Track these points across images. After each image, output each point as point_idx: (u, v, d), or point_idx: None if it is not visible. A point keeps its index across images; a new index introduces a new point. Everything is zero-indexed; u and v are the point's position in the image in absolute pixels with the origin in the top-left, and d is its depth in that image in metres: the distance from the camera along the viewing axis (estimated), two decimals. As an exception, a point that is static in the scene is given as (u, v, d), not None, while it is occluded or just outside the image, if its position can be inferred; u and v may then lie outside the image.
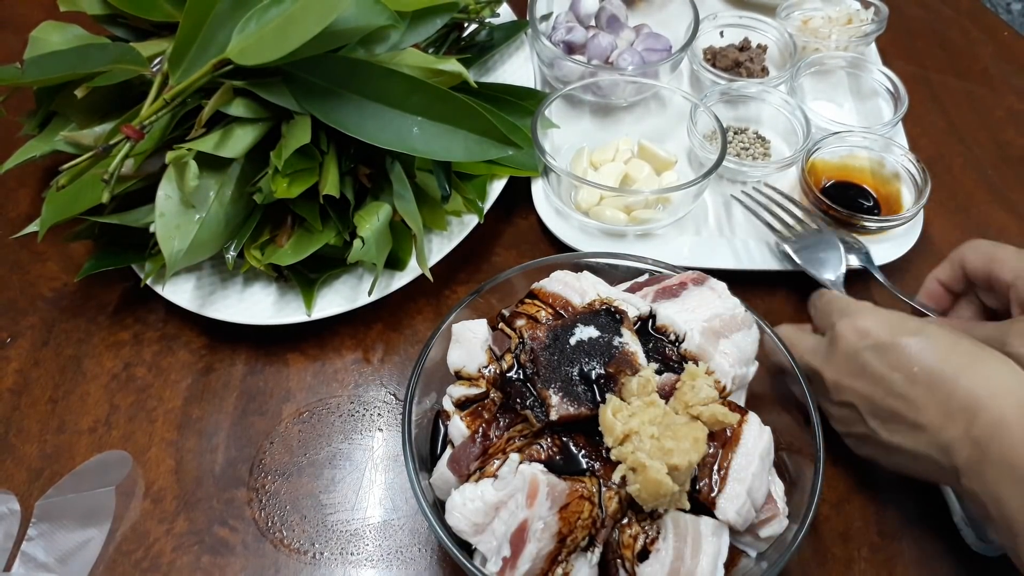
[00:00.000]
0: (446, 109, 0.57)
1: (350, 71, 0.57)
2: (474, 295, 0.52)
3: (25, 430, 0.58)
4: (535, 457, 0.43)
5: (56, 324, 0.64)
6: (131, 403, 0.59)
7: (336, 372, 0.61)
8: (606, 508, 0.41)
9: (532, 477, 0.41)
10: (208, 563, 0.52)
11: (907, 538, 0.54)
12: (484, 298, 0.53)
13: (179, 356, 0.62)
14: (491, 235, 0.70)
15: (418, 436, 0.47)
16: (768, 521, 0.44)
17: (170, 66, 0.56)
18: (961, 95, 0.85)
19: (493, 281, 0.53)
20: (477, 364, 0.48)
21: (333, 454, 0.57)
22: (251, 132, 0.58)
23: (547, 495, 0.40)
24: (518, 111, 0.70)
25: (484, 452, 0.44)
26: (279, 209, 0.60)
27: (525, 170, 0.68)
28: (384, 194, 0.62)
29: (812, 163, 0.71)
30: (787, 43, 0.81)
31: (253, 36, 0.55)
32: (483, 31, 0.77)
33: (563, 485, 0.41)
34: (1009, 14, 1.70)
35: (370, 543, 0.53)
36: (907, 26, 0.92)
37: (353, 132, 0.57)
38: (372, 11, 0.56)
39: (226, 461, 0.57)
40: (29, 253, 0.68)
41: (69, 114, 0.61)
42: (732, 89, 0.76)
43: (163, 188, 0.56)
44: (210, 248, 0.59)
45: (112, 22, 0.65)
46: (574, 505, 0.40)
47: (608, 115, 0.78)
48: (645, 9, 0.88)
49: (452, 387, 0.48)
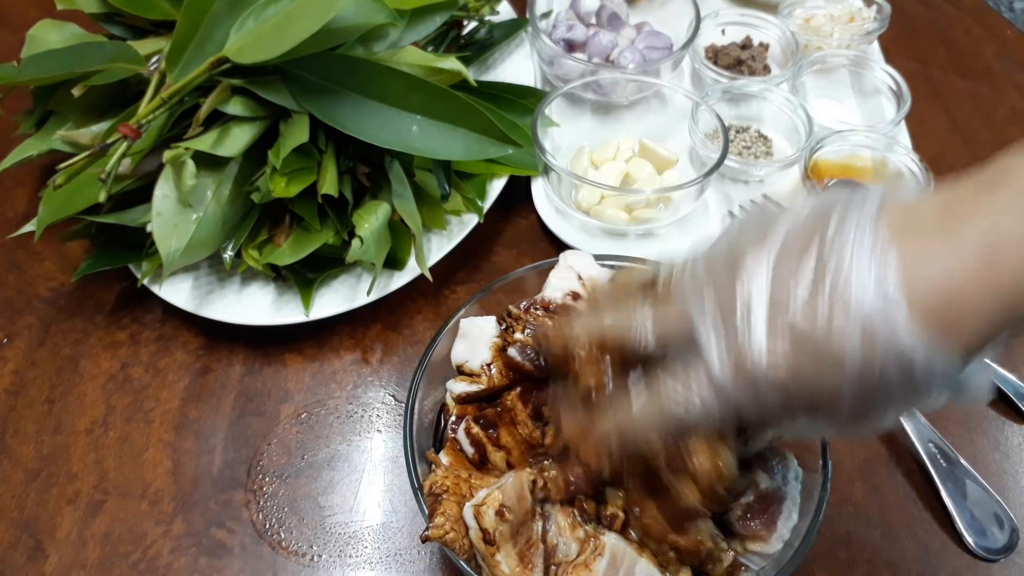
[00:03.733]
0: (445, 107, 0.57)
1: (349, 69, 0.57)
2: (484, 292, 0.52)
3: (22, 431, 0.58)
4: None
5: (53, 324, 0.63)
6: (128, 404, 0.59)
7: (335, 373, 0.61)
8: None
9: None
10: (205, 565, 0.52)
11: (909, 540, 0.53)
12: (491, 296, 0.52)
13: (176, 356, 0.62)
14: (491, 235, 0.69)
15: (418, 435, 0.47)
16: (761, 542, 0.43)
17: (167, 64, 0.56)
18: (964, 94, 0.84)
19: (504, 280, 0.52)
20: (480, 360, 0.48)
21: (331, 455, 0.57)
22: (249, 131, 0.57)
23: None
24: (518, 109, 0.70)
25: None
26: (277, 208, 0.60)
27: (525, 169, 0.68)
28: (383, 193, 0.61)
29: (815, 162, 0.70)
30: (789, 41, 0.81)
31: (251, 34, 0.54)
32: (483, 29, 0.77)
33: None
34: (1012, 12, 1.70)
35: (369, 545, 0.53)
36: (910, 24, 0.91)
37: (352, 131, 0.57)
38: (371, 9, 0.56)
39: (224, 462, 0.56)
40: (26, 253, 0.68)
41: (66, 113, 0.61)
42: (734, 87, 0.76)
43: (160, 187, 0.56)
44: (208, 248, 0.58)
45: (109, 20, 0.65)
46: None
47: (609, 114, 0.77)
48: (646, 7, 0.87)
49: (452, 382, 0.48)
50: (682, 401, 0.34)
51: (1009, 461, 0.57)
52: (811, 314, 0.30)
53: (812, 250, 0.30)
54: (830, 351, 0.30)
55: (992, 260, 0.28)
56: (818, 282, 0.30)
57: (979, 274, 0.28)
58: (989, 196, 0.29)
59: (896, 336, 0.29)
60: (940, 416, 0.58)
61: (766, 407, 0.32)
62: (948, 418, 0.59)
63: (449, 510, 0.40)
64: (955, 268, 0.28)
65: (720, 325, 0.32)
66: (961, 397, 0.32)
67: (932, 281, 0.29)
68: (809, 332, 0.30)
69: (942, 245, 0.29)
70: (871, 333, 0.29)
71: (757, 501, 0.43)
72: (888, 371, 0.29)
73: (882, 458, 0.57)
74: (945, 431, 0.57)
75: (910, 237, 0.29)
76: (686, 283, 0.35)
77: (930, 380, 0.29)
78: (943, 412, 0.59)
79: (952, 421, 0.59)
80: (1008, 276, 0.28)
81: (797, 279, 0.30)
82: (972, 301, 0.28)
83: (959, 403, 0.32)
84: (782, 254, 0.31)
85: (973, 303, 0.28)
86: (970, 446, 0.57)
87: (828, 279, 0.30)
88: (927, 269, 0.29)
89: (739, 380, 0.32)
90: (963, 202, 0.30)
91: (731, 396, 0.32)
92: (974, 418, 0.59)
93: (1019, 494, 0.55)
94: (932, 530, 0.54)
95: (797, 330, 0.30)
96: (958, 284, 0.28)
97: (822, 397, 0.31)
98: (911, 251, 0.29)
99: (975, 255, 0.28)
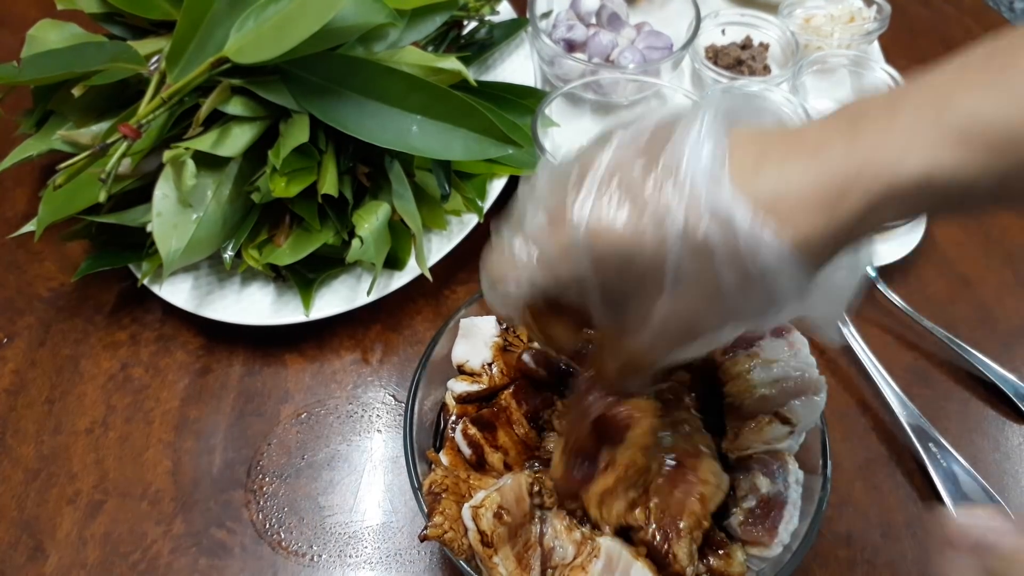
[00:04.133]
0: (445, 108, 0.57)
1: (349, 69, 0.57)
2: None
3: (22, 431, 0.58)
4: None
5: (53, 324, 0.63)
6: (128, 404, 0.59)
7: (334, 373, 0.61)
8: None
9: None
10: (205, 565, 0.52)
11: (909, 539, 0.53)
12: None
13: (176, 357, 0.62)
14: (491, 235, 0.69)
15: (418, 435, 0.47)
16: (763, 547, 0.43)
17: (168, 64, 0.56)
18: (964, 94, 0.84)
19: None
20: (481, 360, 0.48)
21: (331, 455, 0.57)
22: (249, 131, 0.57)
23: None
24: (518, 109, 0.70)
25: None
26: (277, 208, 0.60)
27: (525, 169, 0.68)
28: (383, 193, 0.61)
29: (814, 162, 0.70)
30: (789, 41, 0.81)
31: (251, 34, 0.54)
32: (483, 29, 0.77)
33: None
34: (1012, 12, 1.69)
35: (369, 545, 0.53)
36: (909, 24, 0.91)
37: (352, 131, 0.56)
38: (371, 9, 0.56)
39: (224, 462, 0.56)
40: (26, 253, 0.68)
41: (66, 113, 0.61)
42: (734, 88, 0.76)
43: (160, 187, 0.56)
44: (208, 248, 0.58)
45: (110, 20, 0.65)
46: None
47: (609, 113, 0.77)
48: (646, 7, 0.87)
49: (453, 382, 0.48)
50: (506, 261, 0.34)
51: (1009, 461, 0.57)
52: (640, 181, 0.30)
53: (653, 146, 0.31)
54: (654, 210, 0.30)
55: (837, 179, 0.29)
56: (651, 164, 0.30)
57: (816, 186, 0.29)
58: (838, 128, 0.30)
59: (720, 200, 0.29)
60: (940, 416, 0.58)
61: (573, 273, 0.32)
62: (948, 418, 0.59)
63: (448, 509, 0.40)
64: (791, 178, 0.29)
65: (550, 195, 0.33)
66: (819, 300, 0.32)
67: (766, 181, 0.29)
68: (636, 193, 0.30)
69: (785, 161, 0.29)
70: (696, 197, 0.29)
71: (759, 506, 0.43)
72: (712, 234, 0.29)
73: (882, 458, 0.57)
74: (945, 431, 0.57)
75: (754, 150, 0.30)
76: (534, 177, 0.36)
77: (759, 255, 0.29)
78: (943, 412, 0.59)
79: (952, 421, 0.59)
80: (845, 197, 0.29)
81: (633, 163, 0.31)
82: (805, 207, 0.29)
83: (818, 311, 0.33)
84: (621, 148, 0.32)
85: (805, 208, 0.29)
86: (970, 446, 0.57)
87: (661, 161, 0.30)
88: (765, 173, 0.29)
89: (553, 237, 0.32)
90: (811, 132, 0.30)
91: (546, 254, 0.33)
92: (974, 418, 0.59)
93: (1019, 494, 0.55)
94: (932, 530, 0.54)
95: (625, 189, 0.30)
96: (793, 192, 0.29)
97: (644, 257, 0.31)
98: (750, 159, 0.30)
99: (817, 171, 0.29)
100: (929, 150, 0.28)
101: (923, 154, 0.28)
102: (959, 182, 0.28)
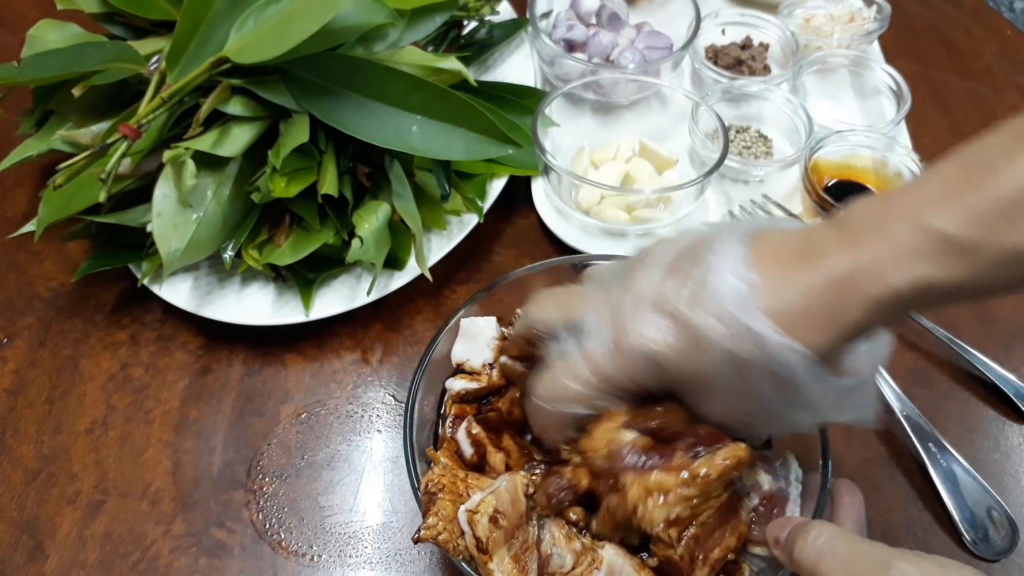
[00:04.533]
0: (445, 108, 0.57)
1: (349, 69, 0.57)
2: (484, 292, 0.52)
3: (22, 431, 0.58)
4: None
5: (53, 324, 0.63)
6: (128, 404, 0.59)
7: (335, 373, 0.61)
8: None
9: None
10: (205, 565, 0.52)
11: (909, 540, 0.53)
12: (491, 296, 0.52)
13: (176, 357, 0.62)
14: (491, 235, 0.69)
15: (418, 435, 0.47)
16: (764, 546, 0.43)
17: (168, 64, 0.56)
18: (963, 94, 0.84)
19: (504, 280, 0.52)
20: (481, 360, 0.48)
21: (332, 456, 0.57)
22: (249, 131, 0.57)
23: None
24: (518, 109, 0.70)
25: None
26: (277, 208, 0.60)
27: (525, 169, 0.68)
28: (383, 193, 0.61)
29: (815, 162, 0.70)
30: (789, 41, 0.81)
31: (251, 34, 0.54)
32: (483, 29, 0.77)
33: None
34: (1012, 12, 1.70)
35: (369, 545, 0.53)
36: (910, 24, 0.91)
37: (352, 131, 0.56)
38: (371, 9, 0.56)
39: (224, 462, 0.56)
40: (26, 253, 0.68)
41: (66, 113, 0.61)
42: (734, 87, 0.76)
43: (160, 187, 0.56)
44: (208, 248, 0.58)
45: (110, 20, 0.65)
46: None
47: (609, 114, 0.77)
48: (646, 7, 0.87)
49: (452, 380, 0.48)
50: (569, 375, 0.39)
51: (1009, 461, 0.57)
52: (682, 301, 0.36)
53: (688, 265, 0.37)
54: (696, 327, 0.35)
55: (838, 291, 0.33)
56: (686, 282, 0.36)
57: (823, 298, 0.34)
58: (839, 238, 0.34)
59: (750, 324, 0.34)
60: (940, 416, 0.58)
61: (639, 379, 0.37)
62: (948, 418, 0.59)
63: (444, 509, 0.40)
64: (802, 292, 0.34)
65: (607, 313, 0.38)
66: (847, 405, 0.38)
67: (780, 296, 0.34)
68: (680, 314, 0.36)
69: (795, 273, 0.34)
70: (731, 320, 0.34)
71: (762, 503, 0.43)
72: (750, 352, 0.34)
73: (882, 458, 0.57)
74: (945, 431, 0.57)
75: (771, 263, 0.35)
76: (587, 282, 0.43)
77: (789, 365, 0.34)
78: (943, 412, 0.59)
79: (952, 421, 0.59)
80: (846, 306, 0.33)
81: (672, 282, 0.37)
82: (816, 315, 0.34)
83: (848, 416, 0.38)
84: (663, 267, 0.38)
85: (816, 316, 0.34)
86: (970, 446, 0.57)
87: (695, 278, 0.36)
88: (780, 290, 0.34)
89: (617, 356, 0.37)
90: (817, 242, 0.35)
91: (609, 371, 0.38)
92: (974, 418, 0.59)
93: (1019, 494, 0.55)
94: (932, 530, 0.54)
95: (669, 312, 0.36)
96: (804, 303, 0.34)
97: (699, 370, 0.36)
98: (769, 274, 0.35)
99: (822, 284, 0.34)
100: (914, 261, 0.32)
101: (908, 265, 0.32)
102: (946, 287, 0.32)
